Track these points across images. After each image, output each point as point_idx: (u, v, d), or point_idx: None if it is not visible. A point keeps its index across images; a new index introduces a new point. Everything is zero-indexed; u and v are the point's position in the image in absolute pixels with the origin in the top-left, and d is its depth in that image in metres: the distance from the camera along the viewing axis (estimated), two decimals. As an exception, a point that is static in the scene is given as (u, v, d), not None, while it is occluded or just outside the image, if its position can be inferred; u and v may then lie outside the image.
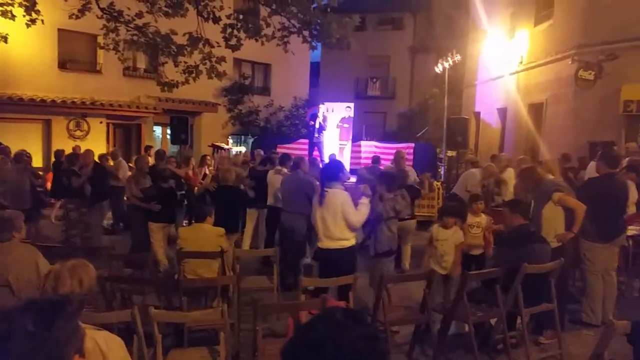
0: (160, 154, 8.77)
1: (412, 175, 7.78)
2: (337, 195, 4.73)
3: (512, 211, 4.81)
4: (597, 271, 5.19)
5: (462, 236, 5.17)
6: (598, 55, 10.39)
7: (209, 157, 10.21)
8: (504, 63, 14.73)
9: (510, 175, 7.64)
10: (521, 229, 4.71)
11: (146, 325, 3.25)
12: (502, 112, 15.46)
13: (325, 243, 4.80)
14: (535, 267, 4.30)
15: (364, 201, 4.86)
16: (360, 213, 4.79)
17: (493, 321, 4.61)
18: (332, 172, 4.91)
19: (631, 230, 6.10)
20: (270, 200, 7.24)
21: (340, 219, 4.69)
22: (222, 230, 5.24)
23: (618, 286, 5.72)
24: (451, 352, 4.57)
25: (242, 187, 7.16)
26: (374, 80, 25.88)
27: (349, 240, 4.81)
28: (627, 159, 7.57)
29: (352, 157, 14.71)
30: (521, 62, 13.95)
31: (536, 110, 13.04)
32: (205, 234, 5.12)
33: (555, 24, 12.29)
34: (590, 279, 5.21)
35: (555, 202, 4.80)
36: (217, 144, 15.81)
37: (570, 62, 10.98)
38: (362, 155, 15.46)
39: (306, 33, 9.03)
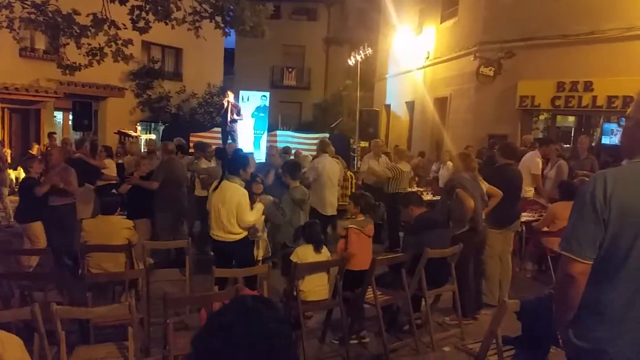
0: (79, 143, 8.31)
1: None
2: (236, 192, 4.74)
3: (405, 207, 5.11)
4: (495, 255, 5.61)
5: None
6: (497, 53, 11.14)
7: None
8: (413, 58, 15.34)
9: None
10: (422, 217, 5.00)
11: (49, 323, 3.09)
12: (411, 105, 16.13)
13: (218, 233, 4.84)
14: (436, 252, 4.58)
15: (258, 206, 4.98)
16: (254, 214, 4.89)
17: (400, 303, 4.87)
18: (236, 166, 4.91)
19: (525, 216, 6.68)
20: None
21: (233, 215, 4.73)
22: (129, 222, 5.06)
23: (512, 268, 6.25)
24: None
25: None
26: (290, 69, 25.89)
27: (240, 233, 4.86)
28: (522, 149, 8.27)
29: (268, 147, 14.68)
30: (428, 58, 14.61)
31: (441, 103, 13.74)
32: (111, 227, 4.91)
33: (459, 22, 12.99)
34: (489, 262, 5.59)
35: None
36: (124, 130, 15.09)
37: (472, 59, 11.67)
38: (278, 145, 15.47)
39: (219, 19, 8.85)
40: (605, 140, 9.78)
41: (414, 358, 4.48)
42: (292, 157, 8.83)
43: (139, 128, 17.62)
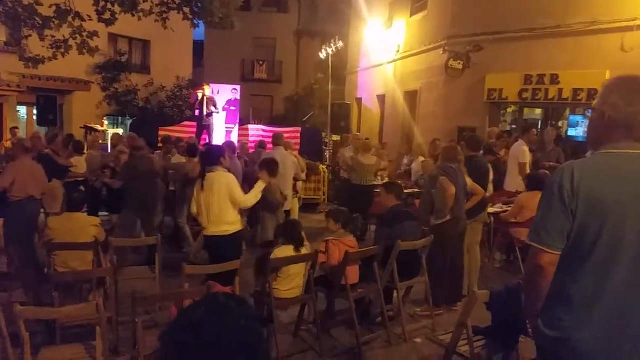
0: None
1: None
2: (221, 178, 4.67)
3: (387, 192, 5.13)
4: (464, 245, 5.69)
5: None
6: (466, 47, 11.27)
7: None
8: (383, 51, 15.40)
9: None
10: (395, 209, 5.03)
11: (13, 325, 2.99)
12: (382, 99, 16.21)
13: (211, 229, 4.72)
14: (408, 244, 4.62)
15: (259, 184, 4.91)
16: (252, 195, 4.84)
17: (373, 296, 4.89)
18: (214, 156, 4.84)
19: (492, 208, 6.79)
20: None
21: (226, 201, 4.64)
22: (96, 219, 4.94)
23: (481, 258, 6.35)
24: (334, 329, 4.78)
25: None
26: (261, 62, 25.67)
27: (235, 224, 4.78)
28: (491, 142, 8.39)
29: (239, 141, 14.53)
30: (398, 51, 14.69)
31: (411, 97, 13.85)
32: (78, 224, 4.78)
33: (428, 16, 13.09)
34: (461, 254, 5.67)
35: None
36: (90, 125, 14.70)
37: (441, 52, 11.79)
38: (250, 139, 15.33)
39: (187, 10, 8.70)
40: (572, 132, 10.01)
41: (386, 350, 4.51)
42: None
43: (105, 122, 17.19)
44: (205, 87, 12.38)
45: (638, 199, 1.76)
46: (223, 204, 4.64)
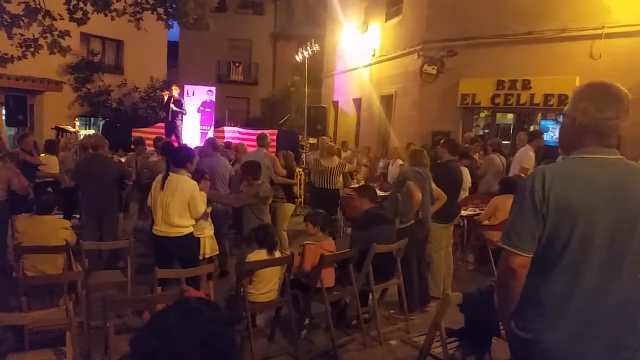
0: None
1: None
2: (186, 183, 4.63)
3: (360, 196, 5.16)
4: (440, 249, 5.75)
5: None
6: (440, 52, 11.41)
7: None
8: (359, 55, 15.48)
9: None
10: (370, 212, 5.06)
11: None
12: (358, 102, 16.29)
13: (163, 228, 4.65)
14: (383, 247, 4.65)
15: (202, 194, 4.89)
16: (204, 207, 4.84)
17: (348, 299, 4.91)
18: (181, 159, 4.79)
19: (465, 210, 6.89)
20: None
21: (184, 206, 4.61)
22: (67, 222, 4.83)
23: (455, 261, 6.44)
24: (310, 332, 4.77)
25: None
26: (237, 64, 25.53)
27: (187, 227, 4.74)
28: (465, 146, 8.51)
29: (234, 143, 14.41)
30: (374, 55, 14.79)
31: (387, 101, 13.96)
32: (47, 227, 4.67)
33: (403, 20, 13.21)
34: (434, 256, 5.73)
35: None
36: (61, 126, 14.39)
37: (416, 57, 11.92)
38: (225, 141, 15.23)
39: (161, 10, 8.61)
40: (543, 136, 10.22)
41: (362, 352, 4.52)
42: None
43: (77, 123, 16.89)
44: (174, 88, 12.32)
45: (607, 203, 1.80)
46: (180, 209, 4.60)
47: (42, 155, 8.08)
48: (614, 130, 1.87)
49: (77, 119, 17.19)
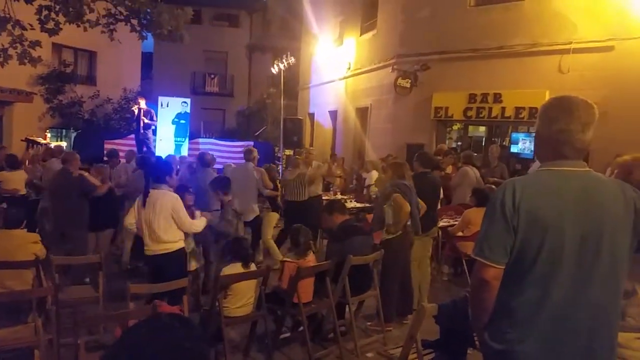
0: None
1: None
2: (166, 197, 4.60)
3: (329, 214, 5.18)
4: (415, 260, 5.78)
5: None
6: (414, 66, 11.58)
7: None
8: (334, 68, 15.60)
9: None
10: (345, 225, 5.07)
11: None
12: (334, 115, 16.39)
13: (152, 247, 4.62)
14: (359, 259, 4.66)
15: (202, 219, 4.97)
16: (197, 224, 4.86)
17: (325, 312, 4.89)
18: (160, 173, 4.74)
19: (440, 222, 6.95)
20: None
21: (168, 220, 4.57)
22: (36, 236, 4.69)
23: (430, 272, 6.48)
24: (286, 346, 4.73)
25: None
26: (212, 76, 25.44)
27: (177, 242, 4.70)
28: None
29: (189, 155, 14.30)
30: (349, 69, 14.93)
31: (362, 113, 14.07)
32: (15, 241, 4.53)
33: (378, 35, 13.39)
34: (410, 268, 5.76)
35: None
36: (32, 138, 14.07)
37: (390, 71, 12.06)
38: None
39: (135, 22, 8.54)
40: (514, 149, 10.42)
41: (339, 366, 4.51)
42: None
43: (48, 135, 16.52)
44: (140, 100, 12.29)
45: (575, 215, 1.84)
46: (164, 224, 4.56)
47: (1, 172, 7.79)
48: (566, 142, 1.91)
49: (48, 131, 16.82)
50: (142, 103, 12.10)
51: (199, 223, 4.91)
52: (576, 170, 1.92)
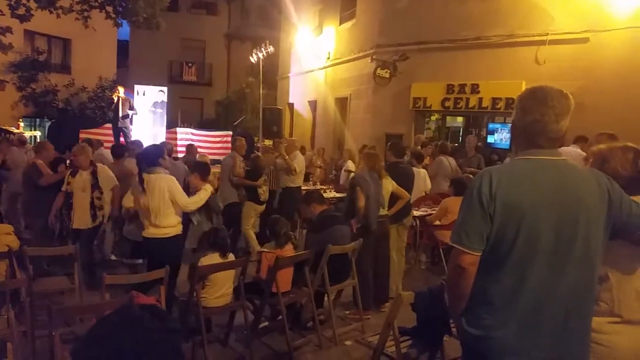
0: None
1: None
2: (162, 180, 4.59)
3: (307, 204, 5.18)
4: (391, 249, 5.82)
5: None
6: (393, 56, 11.60)
7: None
8: (314, 58, 15.54)
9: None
10: (324, 214, 5.08)
11: None
12: (313, 104, 16.35)
13: (151, 231, 4.63)
14: (337, 248, 4.68)
15: (206, 188, 4.88)
16: (194, 200, 4.78)
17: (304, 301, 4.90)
18: (151, 157, 4.71)
19: (417, 211, 7.02)
20: None
21: (167, 204, 4.57)
22: (9, 227, 4.60)
23: (408, 260, 6.54)
24: (265, 335, 4.74)
25: None
26: (190, 64, 25.09)
27: (175, 227, 4.71)
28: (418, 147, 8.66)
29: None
30: (328, 58, 14.88)
31: (342, 103, 14.07)
32: (-14, 233, 4.43)
33: (357, 24, 13.36)
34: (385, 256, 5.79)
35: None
36: (4, 127, 13.73)
37: (370, 61, 12.06)
38: (178, 142, 14.94)
39: (110, 9, 8.37)
40: (490, 139, 10.55)
41: (317, 354, 4.53)
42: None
43: (22, 124, 16.14)
44: (119, 88, 12.07)
45: (550, 203, 1.87)
46: (164, 207, 4.58)
47: None
48: (540, 132, 1.94)
49: (21, 120, 16.43)
50: (121, 91, 11.90)
51: (194, 200, 4.79)
52: (550, 159, 1.95)
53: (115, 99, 11.72)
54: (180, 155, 13.65)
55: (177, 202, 4.62)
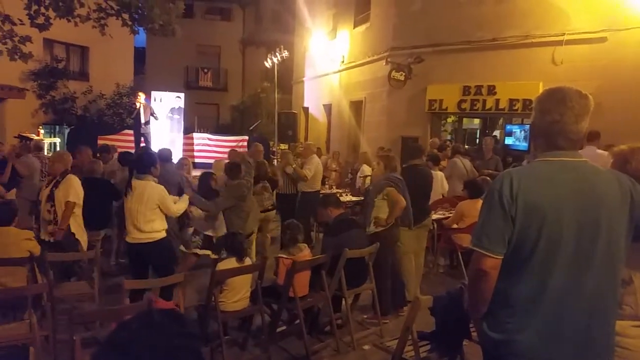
0: None
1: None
2: (152, 188, 4.68)
3: (324, 207, 5.17)
4: (408, 252, 5.78)
5: None
6: (407, 58, 11.55)
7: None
8: (328, 61, 15.55)
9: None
10: (340, 218, 5.07)
11: None
12: (328, 108, 16.35)
13: (135, 235, 4.70)
14: (355, 252, 4.66)
15: (184, 197, 5.20)
16: (179, 207, 5.03)
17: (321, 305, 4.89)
18: (145, 164, 4.78)
19: (435, 214, 6.97)
20: None
21: (154, 210, 4.67)
22: (29, 233, 4.67)
23: (426, 264, 6.49)
24: (283, 339, 4.74)
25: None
26: (205, 70, 25.29)
27: (160, 232, 4.78)
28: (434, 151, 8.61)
29: (184, 150, 14.28)
30: (343, 62, 14.88)
31: (357, 106, 14.05)
32: (7, 238, 4.49)
33: (371, 27, 13.34)
34: (403, 260, 5.77)
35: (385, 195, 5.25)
36: (25, 134, 13.97)
37: (384, 64, 12.03)
38: (195, 148, 15.08)
39: (126, 16, 8.46)
40: (509, 141, 10.44)
41: (335, 358, 4.51)
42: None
43: (42, 131, 16.41)
44: (140, 94, 12.22)
45: (572, 205, 1.84)
46: (150, 213, 4.66)
47: None
48: (559, 133, 1.91)
49: (41, 127, 16.69)
50: (142, 98, 12.06)
51: (180, 206, 5.05)
52: (572, 160, 1.92)
53: (138, 105, 11.87)
54: (197, 160, 13.84)
55: (168, 210, 4.75)
